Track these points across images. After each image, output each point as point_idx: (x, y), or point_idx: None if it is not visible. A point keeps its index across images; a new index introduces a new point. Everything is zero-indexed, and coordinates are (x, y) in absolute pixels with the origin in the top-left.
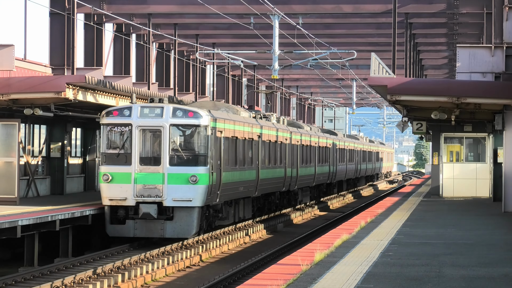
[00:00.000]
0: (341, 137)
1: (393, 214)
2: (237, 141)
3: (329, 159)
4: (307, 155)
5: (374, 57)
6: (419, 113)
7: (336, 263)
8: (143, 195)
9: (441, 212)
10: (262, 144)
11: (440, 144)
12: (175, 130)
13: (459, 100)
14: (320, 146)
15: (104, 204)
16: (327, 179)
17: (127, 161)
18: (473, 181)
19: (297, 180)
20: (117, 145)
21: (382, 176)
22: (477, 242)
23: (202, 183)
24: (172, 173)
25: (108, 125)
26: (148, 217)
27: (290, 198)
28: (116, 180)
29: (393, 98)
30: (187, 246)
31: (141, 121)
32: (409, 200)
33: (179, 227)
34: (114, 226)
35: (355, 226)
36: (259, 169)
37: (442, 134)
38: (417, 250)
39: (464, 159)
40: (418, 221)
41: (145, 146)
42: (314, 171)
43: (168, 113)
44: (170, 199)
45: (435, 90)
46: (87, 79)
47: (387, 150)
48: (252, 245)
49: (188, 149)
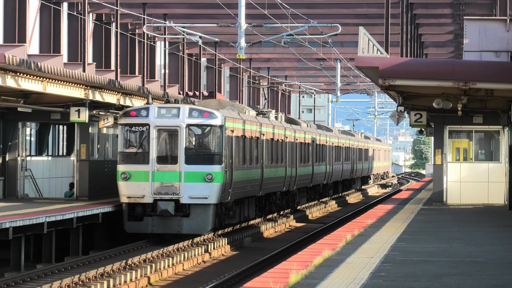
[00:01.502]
0: (336, 134)
1: (386, 225)
2: (245, 139)
3: (325, 158)
4: (305, 153)
5: (363, 32)
6: (418, 101)
7: (316, 286)
8: (160, 192)
9: (445, 223)
10: (266, 142)
11: (444, 139)
12: (191, 130)
13: (467, 85)
14: (317, 144)
15: (122, 201)
16: (323, 179)
17: (144, 159)
18: (484, 185)
19: (296, 180)
20: (135, 144)
21: (378, 177)
22: (489, 260)
23: (217, 181)
24: (188, 171)
25: (126, 125)
26: (166, 214)
27: (288, 199)
28: (134, 178)
29: (386, 83)
30: (132, 266)
31: (159, 121)
32: (406, 209)
33: (195, 224)
34: (132, 223)
35: (340, 241)
36: (263, 168)
37: (447, 127)
38: (415, 270)
39: (473, 158)
40: (417, 234)
41: (162, 145)
42: (311, 171)
43: (185, 113)
44: (186, 197)
45: (437, 72)
46: (7, 59)
47: (384, 147)
48: (213, 264)
49: (203, 148)
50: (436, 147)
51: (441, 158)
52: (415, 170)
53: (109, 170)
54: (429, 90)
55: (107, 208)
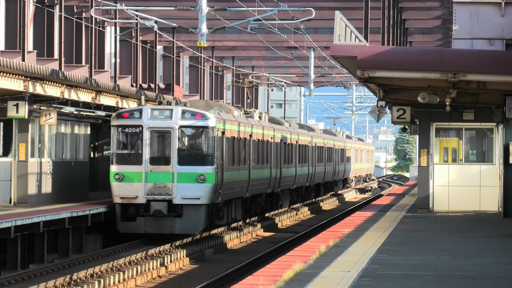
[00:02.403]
0: (319, 134)
1: (365, 235)
2: (234, 140)
3: (308, 159)
4: (288, 154)
5: (339, 17)
6: (401, 95)
7: None
8: (153, 193)
9: (432, 232)
10: (253, 143)
11: (430, 138)
12: (184, 131)
13: (456, 77)
14: (300, 144)
15: (115, 202)
16: (306, 181)
17: (137, 160)
18: (475, 190)
19: (280, 182)
20: (128, 145)
21: (361, 180)
22: (481, 275)
23: (210, 182)
24: (181, 172)
25: (119, 127)
26: (159, 214)
27: (272, 201)
28: (127, 179)
29: (365, 75)
30: (77, 282)
31: (152, 122)
32: (388, 216)
33: (187, 224)
34: (125, 223)
35: (313, 252)
36: (250, 169)
37: (433, 124)
38: (397, 286)
39: (463, 159)
40: (400, 244)
41: (155, 146)
42: (295, 172)
43: (177, 115)
44: (179, 197)
45: (423, 63)
46: None
47: (366, 147)
48: (170, 279)
49: (196, 149)
50: (421, 147)
51: (427, 159)
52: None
53: (53, 173)
54: (413, 82)
55: (49, 216)
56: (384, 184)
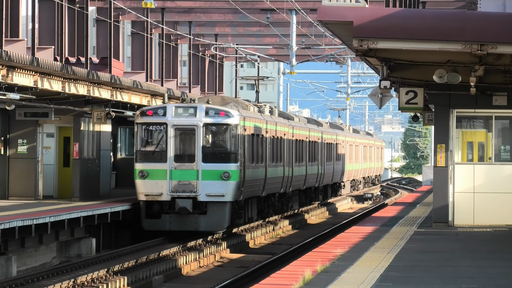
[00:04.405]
0: (327, 129)
1: (364, 257)
2: (253, 137)
3: (317, 157)
4: (300, 152)
5: None
6: (411, 72)
7: None
8: (178, 190)
9: (451, 253)
10: (269, 140)
11: (449, 129)
12: (208, 129)
13: (484, 50)
14: (310, 141)
15: (139, 199)
16: (315, 182)
17: (162, 158)
18: (509, 198)
19: (292, 181)
20: (152, 143)
21: (369, 181)
22: None
23: (234, 179)
24: (205, 169)
25: (143, 124)
26: (184, 211)
27: (283, 202)
28: (152, 176)
29: (364, 46)
30: None
31: (176, 120)
32: (393, 232)
33: (212, 221)
34: (150, 220)
35: (295, 280)
36: (266, 167)
37: (454, 111)
38: None
39: (493, 157)
40: (409, 270)
41: (179, 144)
42: (305, 172)
43: (202, 112)
44: (204, 194)
45: (440, 30)
46: None
47: (376, 143)
48: None
49: (220, 146)
50: (437, 141)
51: (446, 158)
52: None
53: None
54: (427, 56)
55: None
56: (389, 190)
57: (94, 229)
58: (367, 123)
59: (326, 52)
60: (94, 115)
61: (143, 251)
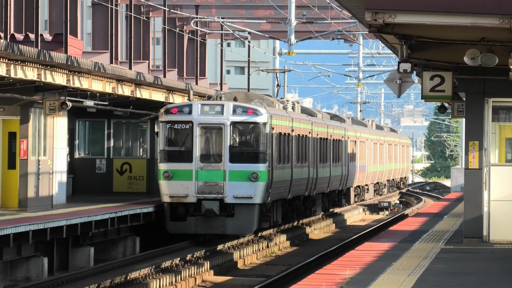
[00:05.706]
0: (350, 125)
1: (379, 280)
2: (280, 136)
3: (341, 157)
4: (323, 151)
5: None
6: (436, 53)
7: None
8: (204, 192)
9: (486, 276)
10: (295, 139)
11: (484, 123)
12: (236, 128)
13: None
14: (334, 139)
15: (164, 201)
16: (339, 184)
17: (187, 158)
18: None
19: (316, 183)
20: (178, 142)
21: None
22: None
23: (262, 180)
24: (233, 170)
25: (168, 123)
26: (211, 213)
27: (306, 206)
28: (177, 177)
29: (379, 20)
30: None
31: (202, 118)
32: (415, 250)
33: (239, 224)
34: (175, 223)
35: None
36: (292, 168)
37: (489, 100)
38: None
39: None
40: None
41: (205, 143)
42: (329, 173)
43: (229, 110)
44: (231, 196)
45: (472, 1)
46: None
47: (402, 141)
48: None
49: (248, 146)
50: (469, 138)
51: (479, 158)
52: (431, 179)
53: None
54: (457, 33)
55: None
56: (410, 197)
57: (45, 245)
58: (382, 115)
59: (332, 27)
60: (46, 105)
61: (106, 273)
